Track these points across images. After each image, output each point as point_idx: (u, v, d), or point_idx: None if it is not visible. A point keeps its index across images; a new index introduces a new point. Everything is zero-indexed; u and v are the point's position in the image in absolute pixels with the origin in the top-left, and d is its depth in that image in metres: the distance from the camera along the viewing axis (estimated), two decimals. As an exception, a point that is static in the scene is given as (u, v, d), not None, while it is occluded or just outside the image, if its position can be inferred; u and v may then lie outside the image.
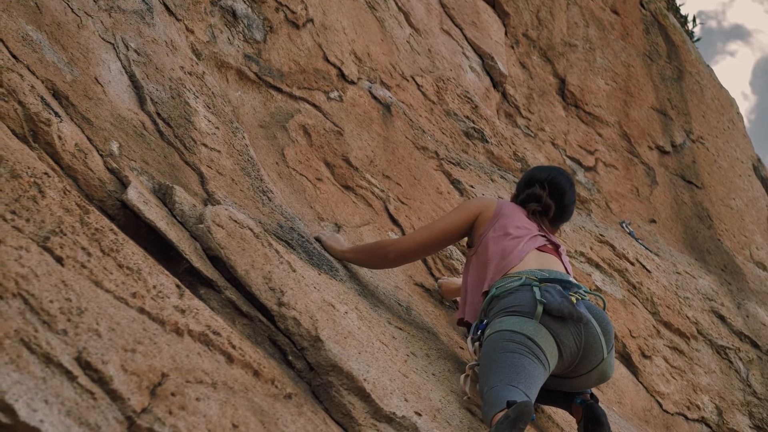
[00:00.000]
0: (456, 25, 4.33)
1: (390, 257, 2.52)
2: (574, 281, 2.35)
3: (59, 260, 1.62)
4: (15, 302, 1.45)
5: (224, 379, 1.64)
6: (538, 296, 2.20)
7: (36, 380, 1.34)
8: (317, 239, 2.59)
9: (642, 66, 5.16)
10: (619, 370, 3.30)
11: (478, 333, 2.28)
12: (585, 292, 2.35)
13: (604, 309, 2.42)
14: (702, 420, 3.47)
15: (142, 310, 1.65)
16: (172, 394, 1.50)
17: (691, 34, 6.88)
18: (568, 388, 2.34)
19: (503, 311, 2.23)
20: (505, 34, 4.65)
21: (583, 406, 2.26)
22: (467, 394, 2.17)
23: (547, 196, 2.58)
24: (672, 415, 3.36)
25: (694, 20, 7.02)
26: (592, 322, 2.24)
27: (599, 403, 2.29)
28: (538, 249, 2.45)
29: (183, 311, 1.73)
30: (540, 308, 2.17)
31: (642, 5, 5.47)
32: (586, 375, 2.29)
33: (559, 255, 2.48)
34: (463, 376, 2.22)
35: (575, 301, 2.22)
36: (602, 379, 2.33)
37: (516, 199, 2.66)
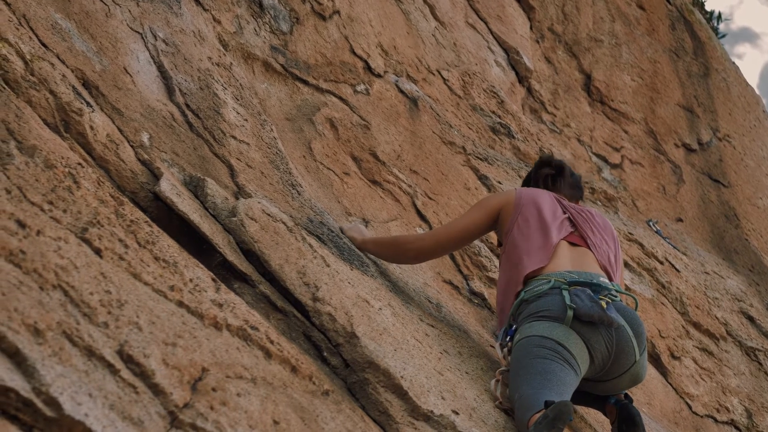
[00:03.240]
0: (481, 19, 4.28)
1: (409, 255, 2.49)
2: (604, 281, 2.30)
3: (97, 252, 1.60)
4: (55, 294, 1.42)
5: (263, 375, 1.62)
6: (567, 301, 2.16)
7: (79, 373, 1.31)
8: (341, 229, 2.56)
9: (668, 62, 5.10)
10: (648, 371, 3.26)
11: (507, 339, 2.24)
12: (617, 291, 2.30)
13: (636, 308, 2.37)
14: (731, 422, 3.43)
15: (180, 304, 1.62)
16: (213, 390, 1.48)
17: (716, 30, 6.80)
18: (601, 391, 2.30)
19: (532, 316, 2.19)
20: (530, 28, 4.60)
21: (617, 406, 2.22)
22: (499, 399, 2.14)
23: (554, 158, 2.66)
24: (701, 417, 3.32)
25: (719, 17, 6.94)
26: (624, 325, 2.20)
27: (633, 404, 2.25)
28: (569, 242, 2.38)
29: (220, 305, 1.71)
30: (570, 313, 2.13)
31: (668, 0, 5.40)
32: (619, 378, 2.25)
33: (587, 244, 2.40)
34: (493, 381, 2.19)
35: (605, 306, 2.17)
36: (635, 382, 2.29)
37: (530, 180, 2.64)
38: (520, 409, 1.98)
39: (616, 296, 2.27)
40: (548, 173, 2.57)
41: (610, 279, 2.38)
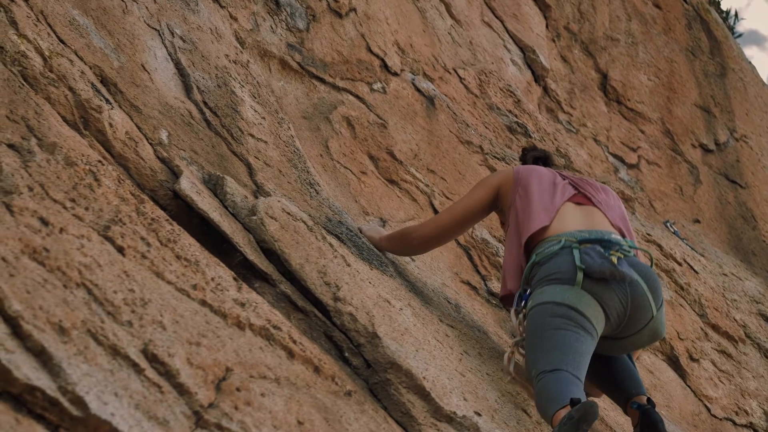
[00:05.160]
0: (497, 17, 4.26)
1: (414, 244, 2.47)
2: (616, 237, 2.25)
3: (120, 250, 1.58)
4: (79, 292, 1.41)
5: (287, 375, 1.60)
6: (578, 261, 2.13)
7: (104, 372, 1.30)
8: (359, 229, 2.54)
9: (685, 61, 5.06)
10: (666, 374, 3.24)
11: (522, 304, 2.21)
12: (630, 247, 2.25)
13: (651, 264, 2.33)
14: (750, 426, 3.40)
15: (203, 303, 1.61)
16: (237, 389, 1.46)
17: (732, 29, 6.74)
18: (620, 350, 2.26)
19: (544, 279, 2.16)
20: (546, 27, 4.57)
21: (639, 411, 2.18)
22: (511, 374, 2.12)
23: (537, 147, 2.73)
24: (720, 420, 3.28)
25: (736, 16, 6.86)
26: (638, 279, 2.16)
27: (656, 408, 2.20)
28: (574, 202, 2.35)
29: (243, 305, 1.69)
30: (580, 275, 2.10)
31: None
32: (637, 335, 2.21)
33: (593, 203, 2.38)
34: (506, 356, 2.17)
35: (616, 261, 2.14)
36: (654, 338, 2.25)
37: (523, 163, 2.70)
38: (543, 398, 1.95)
39: (629, 251, 2.23)
40: (537, 156, 2.61)
41: (623, 236, 2.34)
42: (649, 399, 2.22)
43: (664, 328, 2.25)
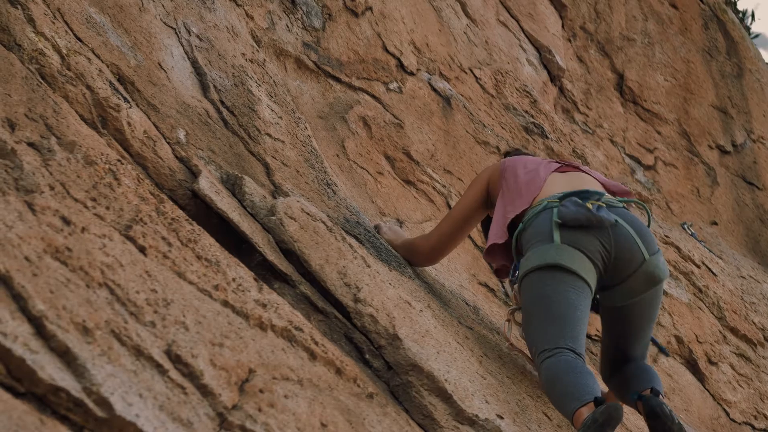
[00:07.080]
0: (512, 17, 4.23)
1: (421, 259, 2.48)
2: (598, 190, 2.25)
3: (142, 250, 1.57)
4: (102, 292, 1.40)
5: (309, 377, 1.58)
6: (555, 217, 2.13)
7: (128, 373, 1.28)
8: (376, 227, 2.52)
9: (701, 62, 5.02)
10: (685, 377, 3.21)
11: (516, 274, 2.22)
12: (620, 201, 2.25)
13: (649, 222, 2.32)
14: (769, 430, 3.36)
15: (225, 303, 1.59)
16: (261, 391, 1.44)
17: (748, 29, 6.68)
18: (621, 299, 2.21)
19: (529, 245, 2.17)
20: (562, 26, 4.54)
21: (642, 401, 2.10)
22: (509, 341, 2.11)
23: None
24: (739, 424, 3.25)
25: (752, 16, 6.81)
26: (620, 222, 2.14)
27: (659, 396, 2.07)
28: (560, 172, 2.36)
29: (264, 305, 1.67)
30: (557, 232, 2.10)
31: (700, -1, 5.32)
32: (631, 279, 2.17)
33: (580, 169, 2.39)
34: (504, 323, 2.17)
35: (592, 207, 2.13)
36: (652, 282, 2.19)
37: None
38: (557, 389, 1.93)
39: (614, 202, 2.22)
40: (521, 155, 2.65)
41: (613, 194, 2.34)
42: (653, 388, 2.13)
43: (661, 272, 2.20)
